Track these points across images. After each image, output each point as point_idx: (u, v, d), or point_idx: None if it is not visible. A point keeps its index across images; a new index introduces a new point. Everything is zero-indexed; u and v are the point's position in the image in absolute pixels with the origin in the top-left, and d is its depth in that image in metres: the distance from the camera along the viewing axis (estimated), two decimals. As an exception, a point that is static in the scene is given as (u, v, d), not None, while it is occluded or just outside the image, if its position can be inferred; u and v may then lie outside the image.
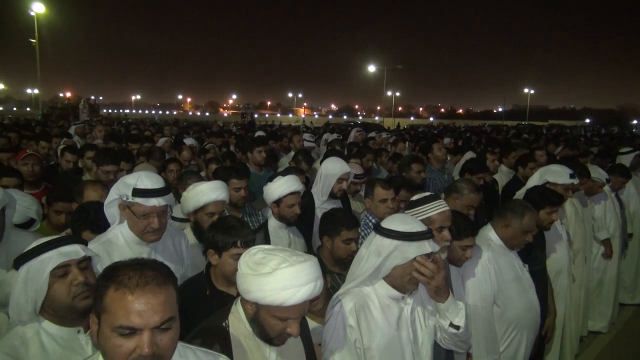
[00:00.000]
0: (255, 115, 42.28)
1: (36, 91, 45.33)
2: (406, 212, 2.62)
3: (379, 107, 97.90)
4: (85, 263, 1.80)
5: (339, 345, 2.05)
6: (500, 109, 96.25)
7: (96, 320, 1.29)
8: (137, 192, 2.33)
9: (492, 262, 2.93)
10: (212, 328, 1.80)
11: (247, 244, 2.28)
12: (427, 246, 2.04)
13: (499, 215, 3.09)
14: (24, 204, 3.01)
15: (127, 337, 1.23)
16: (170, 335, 1.29)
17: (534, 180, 4.01)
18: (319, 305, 2.35)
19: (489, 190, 5.33)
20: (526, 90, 74.34)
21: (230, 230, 2.32)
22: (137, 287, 1.24)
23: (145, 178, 2.38)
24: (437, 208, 2.60)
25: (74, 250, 1.77)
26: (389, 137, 9.37)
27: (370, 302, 2.10)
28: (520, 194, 3.81)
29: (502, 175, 6.09)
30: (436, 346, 2.27)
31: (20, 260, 1.75)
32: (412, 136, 14.02)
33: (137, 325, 1.22)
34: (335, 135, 9.38)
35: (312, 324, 2.29)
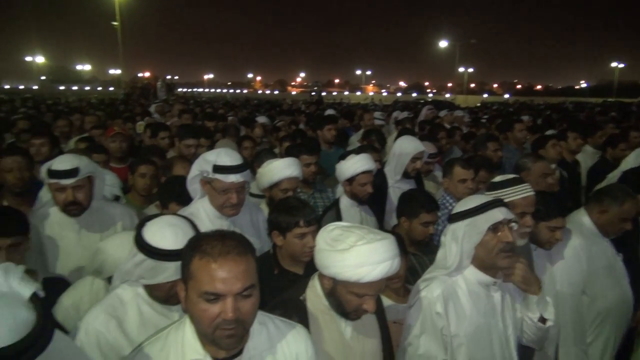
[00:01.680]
0: (324, 93, 42.32)
1: (119, 71, 48.38)
2: (486, 193, 2.53)
3: (450, 84, 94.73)
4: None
5: (425, 331, 2.03)
6: (583, 85, 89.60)
7: (184, 286, 1.37)
8: (217, 169, 2.43)
9: (584, 249, 2.75)
10: (290, 301, 1.85)
11: (310, 223, 2.30)
12: (498, 214, 1.97)
13: (595, 200, 2.88)
14: (109, 182, 3.18)
15: (212, 302, 1.30)
16: (251, 302, 1.35)
17: (630, 162, 3.71)
18: (398, 283, 2.35)
19: (571, 171, 5.01)
20: (614, 64, 68.53)
21: (291, 211, 2.33)
22: (219, 255, 1.31)
23: (224, 155, 2.48)
24: (522, 192, 2.47)
25: None
26: (463, 115, 9.00)
27: (459, 289, 2.05)
28: (613, 176, 3.55)
29: (587, 157, 5.65)
30: None
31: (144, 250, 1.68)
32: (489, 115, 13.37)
33: (220, 291, 1.29)
34: (405, 113, 9.20)
35: (386, 301, 2.30)
